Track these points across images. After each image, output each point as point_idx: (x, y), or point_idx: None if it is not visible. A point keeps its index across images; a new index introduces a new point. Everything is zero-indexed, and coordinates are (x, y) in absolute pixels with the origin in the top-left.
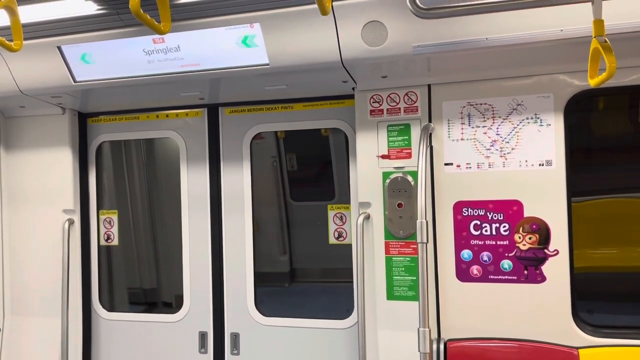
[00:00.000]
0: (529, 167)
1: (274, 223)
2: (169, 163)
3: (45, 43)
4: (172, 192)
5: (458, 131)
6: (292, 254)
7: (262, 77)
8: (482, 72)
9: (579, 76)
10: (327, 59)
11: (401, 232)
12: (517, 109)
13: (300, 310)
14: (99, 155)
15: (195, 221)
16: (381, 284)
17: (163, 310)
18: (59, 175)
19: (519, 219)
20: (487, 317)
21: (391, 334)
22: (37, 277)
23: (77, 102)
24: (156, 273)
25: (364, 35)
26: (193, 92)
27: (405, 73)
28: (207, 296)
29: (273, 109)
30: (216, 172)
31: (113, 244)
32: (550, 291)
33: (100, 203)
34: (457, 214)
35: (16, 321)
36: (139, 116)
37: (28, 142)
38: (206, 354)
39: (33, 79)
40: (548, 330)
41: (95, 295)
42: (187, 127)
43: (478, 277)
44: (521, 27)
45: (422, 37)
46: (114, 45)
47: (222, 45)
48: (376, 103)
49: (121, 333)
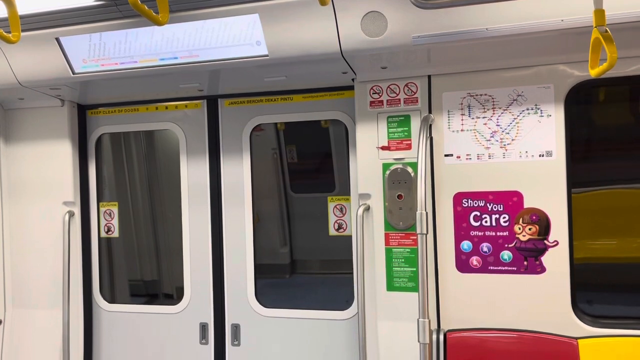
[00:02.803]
0: (529, 158)
1: (274, 215)
2: (168, 155)
3: (43, 34)
4: (172, 184)
5: (458, 122)
6: (293, 245)
7: (261, 69)
8: (482, 63)
9: (580, 67)
10: (327, 50)
11: (401, 223)
12: (518, 100)
13: (301, 301)
14: (98, 147)
15: (196, 213)
16: (381, 275)
17: (164, 301)
18: (59, 167)
19: (519, 210)
20: (486, 307)
21: (391, 325)
22: (38, 270)
23: (76, 94)
24: (157, 265)
25: (363, 26)
26: (192, 84)
27: (405, 64)
28: (207, 287)
29: (273, 100)
30: (216, 164)
31: (113, 235)
32: (550, 282)
33: (101, 195)
34: (457, 205)
35: (17, 313)
36: (138, 108)
37: (28, 135)
38: (207, 344)
39: (32, 71)
40: (548, 321)
41: (96, 287)
42: (186, 118)
43: (478, 268)
44: (521, 17)
45: (422, 28)
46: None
47: (220, 36)
48: (376, 94)
49: (122, 325)
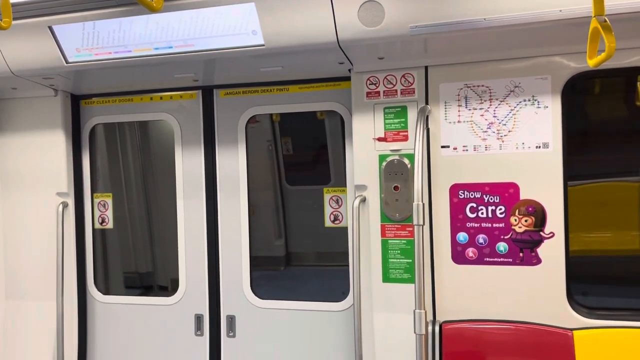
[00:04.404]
0: (526, 149)
1: (269, 207)
2: (163, 146)
3: (36, 23)
4: (167, 175)
5: (455, 113)
6: (288, 237)
7: (257, 59)
8: (479, 54)
9: (577, 58)
10: (323, 40)
11: (397, 214)
12: (515, 91)
13: (296, 293)
14: (92, 138)
15: (191, 204)
16: (377, 267)
17: (159, 293)
18: (52, 158)
19: (515, 202)
20: (482, 299)
21: (387, 316)
22: (32, 261)
23: (70, 84)
24: (151, 256)
25: (360, 16)
26: (187, 74)
27: (402, 54)
28: (202, 279)
29: (268, 90)
30: (211, 155)
31: (108, 227)
32: (545, 273)
33: (95, 186)
34: (453, 196)
35: (11, 305)
36: (133, 98)
37: (20, 125)
38: (202, 336)
39: (24, 59)
40: (543, 312)
41: (90, 279)
42: (181, 109)
43: (474, 259)
44: (519, 7)
45: (420, 18)
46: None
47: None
48: (372, 85)
49: (117, 316)
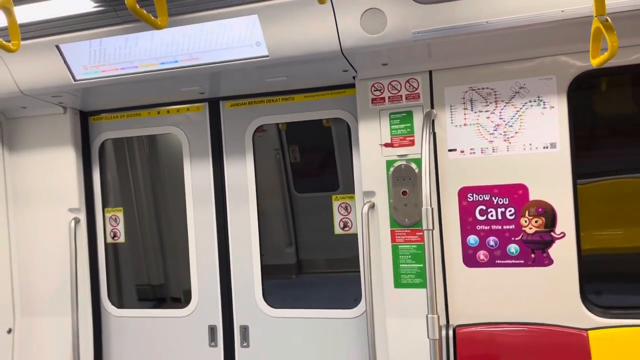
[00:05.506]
0: (533, 150)
1: (278, 215)
2: (172, 158)
3: (43, 42)
4: (177, 188)
5: (461, 116)
6: (298, 245)
7: (262, 69)
8: (483, 56)
9: (581, 57)
10: (327, 49)
11: (407, 219)
12: (520, 92)
13: (308, 301)
14: (102, 153)
15: (201, 216)
16: (388, 272)
17: (172, 305)
18: (63, 174)
19: (525, 203)
20: (495, 301)
21: (400, 322)
22: (46, 277)
23: (78, 101)
24: (163, 269)
25: (363, 23)
26: (193, 87)
27: (406, 60)
28: (215, 290)
29: (274, 100)
30: (219, 166)
31: (119, 241)
32: (557, 274)
33: (105, 201)
34: (462, 199)
35: (26, 322)
36: (140, 113)
37: (31, 143)
38: (216, 347)
39: (33, 79)
40: (557, 313)
41: (104, 293)
42: (188, 122)
43: (485, 262)
44: (521, 9)
45: (422, 23)
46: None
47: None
48: (377, 91)
49: (131, 329)
